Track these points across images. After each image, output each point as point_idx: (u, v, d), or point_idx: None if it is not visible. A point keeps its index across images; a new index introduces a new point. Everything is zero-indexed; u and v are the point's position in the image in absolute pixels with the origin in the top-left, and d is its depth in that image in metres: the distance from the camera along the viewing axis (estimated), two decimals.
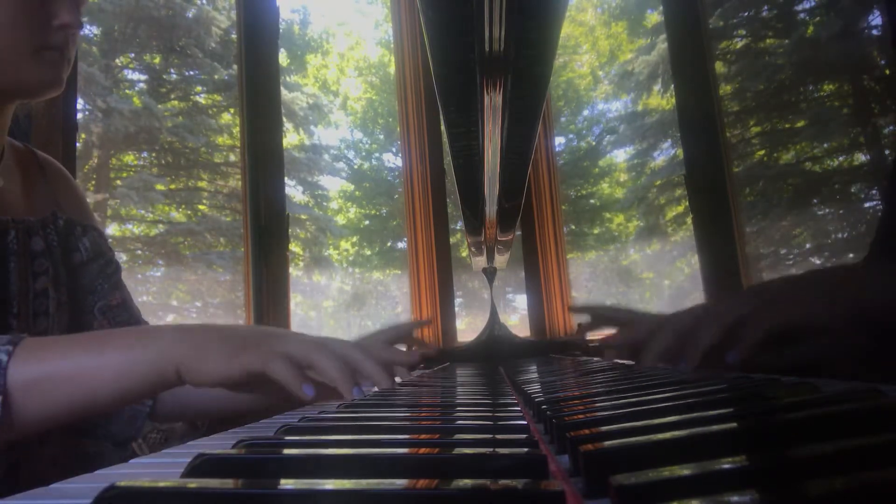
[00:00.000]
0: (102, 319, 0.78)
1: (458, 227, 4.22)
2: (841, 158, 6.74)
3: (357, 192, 10.13)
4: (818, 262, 6.47)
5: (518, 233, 1.71)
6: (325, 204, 9.60)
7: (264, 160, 1.89)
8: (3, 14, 0.65)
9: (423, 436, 0.30)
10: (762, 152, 7.08)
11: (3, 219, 0.69)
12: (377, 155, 10.44)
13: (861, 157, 6.39)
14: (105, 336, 0.51)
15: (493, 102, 0.56)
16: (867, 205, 6.15)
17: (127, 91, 7.57)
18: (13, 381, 0.44)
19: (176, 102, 7.89)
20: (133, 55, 7.67)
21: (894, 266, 0.60)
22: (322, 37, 9.91)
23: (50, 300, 0.70)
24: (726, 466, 0.18)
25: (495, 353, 1.48)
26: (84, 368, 0.46)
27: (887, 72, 5.54)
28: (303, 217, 8.72)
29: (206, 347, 0.49)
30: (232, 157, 8.01)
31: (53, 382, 0.46)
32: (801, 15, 6.55)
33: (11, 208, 0.71)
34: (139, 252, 7.51)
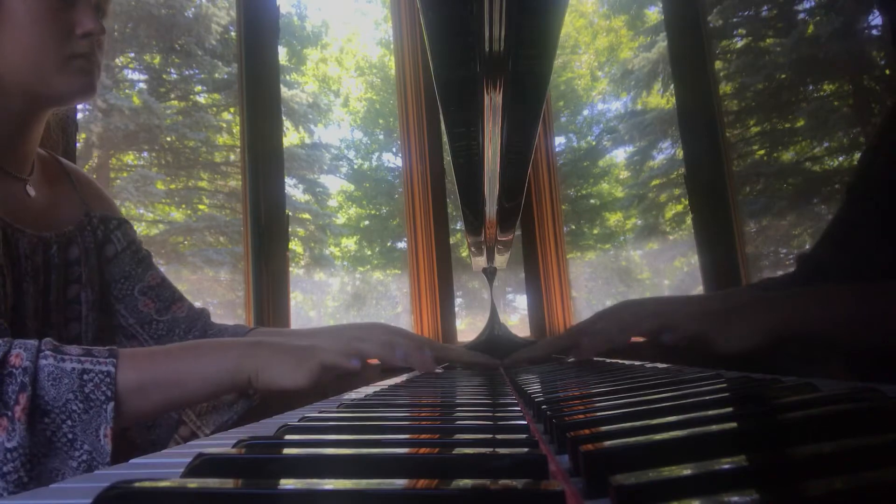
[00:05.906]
0: (146, 299, 0.85)
1: (458, 227, 4.21)
2: (841, 158, 6.73)
3: (357, 192, 10.11)
4: None
5: (518, 233, 1.71)
6: (325, 203, 9.58)
7: (264, 159, 1.89)
8: (27, 29, 0.66)
9: (423, 436, 0.30)
10: (762, 151, 7.06)
11: (47, 235, 0.73)
12: (377, 155, 10.42)
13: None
14: (191, 348, 0.60)
15: (493, 102, 0.56)
16: None
17: (127, 90, 7.56)
18: (122, 389, 0.53)
19: (176, 102, 7.88)
20: (133, 54, 7.66)
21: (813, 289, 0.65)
22: (322, 30, 9.88)
23: (83, 304, 0.76)
24: (726, 466, 0.18)
25: (495, 353, 1.48)
26: (176, 377, 0.56)
27: (887, 72, 5.52)
28: (303, 216, 8.71)
29: (270, 361, 0.60)
30: (232, 157, 8.00)
31: (153, 388, 0.55)
32: (801, 14, 6.54)
33: (47, 220, 0.75)
34: None
